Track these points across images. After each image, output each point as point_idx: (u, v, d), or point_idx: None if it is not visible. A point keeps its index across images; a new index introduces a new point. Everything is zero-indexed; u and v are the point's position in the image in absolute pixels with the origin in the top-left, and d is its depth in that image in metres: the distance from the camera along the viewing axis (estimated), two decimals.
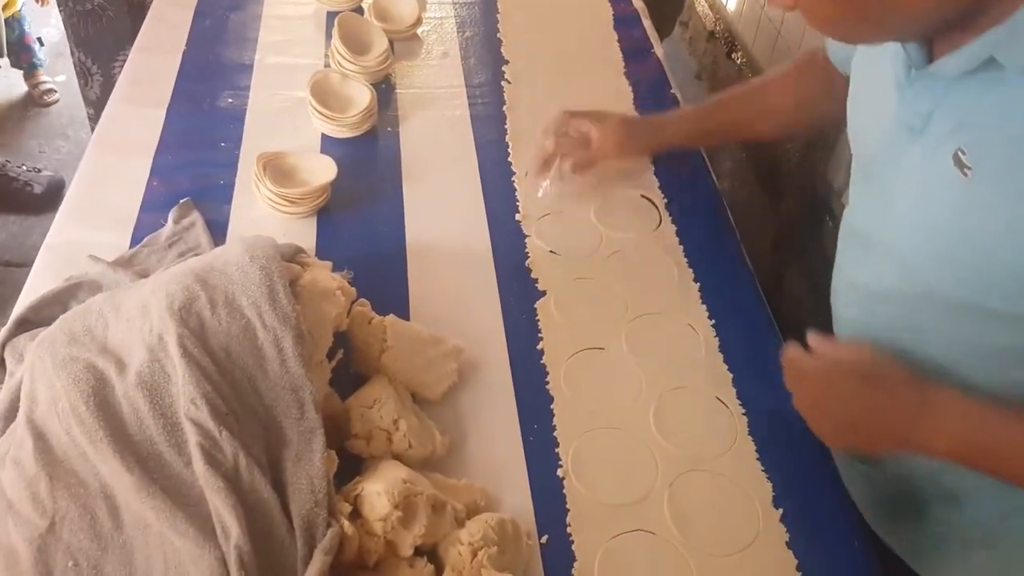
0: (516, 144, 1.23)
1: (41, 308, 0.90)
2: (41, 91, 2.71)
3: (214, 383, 0.73)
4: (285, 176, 1.09)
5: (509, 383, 0.91)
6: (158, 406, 0.72)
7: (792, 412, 0.88)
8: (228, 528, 0.67)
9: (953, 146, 0.62)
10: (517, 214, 1.12)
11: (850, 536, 0.80)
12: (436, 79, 1.36)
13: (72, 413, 0.72)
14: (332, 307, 0.84)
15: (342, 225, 1.09)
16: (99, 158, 1.15)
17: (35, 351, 0.77)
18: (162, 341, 0.75)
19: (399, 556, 0.73)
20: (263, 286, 0.78)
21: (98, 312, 0.80)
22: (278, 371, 0.76)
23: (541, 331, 0.96)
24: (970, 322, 0.68)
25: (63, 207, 1.08)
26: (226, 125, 1.22)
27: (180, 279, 0.79)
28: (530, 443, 0.85)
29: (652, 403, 0.89)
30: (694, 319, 0.98)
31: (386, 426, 0.80)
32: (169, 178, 1.12)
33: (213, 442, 0.71)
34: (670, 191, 1.16)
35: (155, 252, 1.00)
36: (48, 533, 0.68)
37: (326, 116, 1.19)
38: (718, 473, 0.83)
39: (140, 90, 1.27)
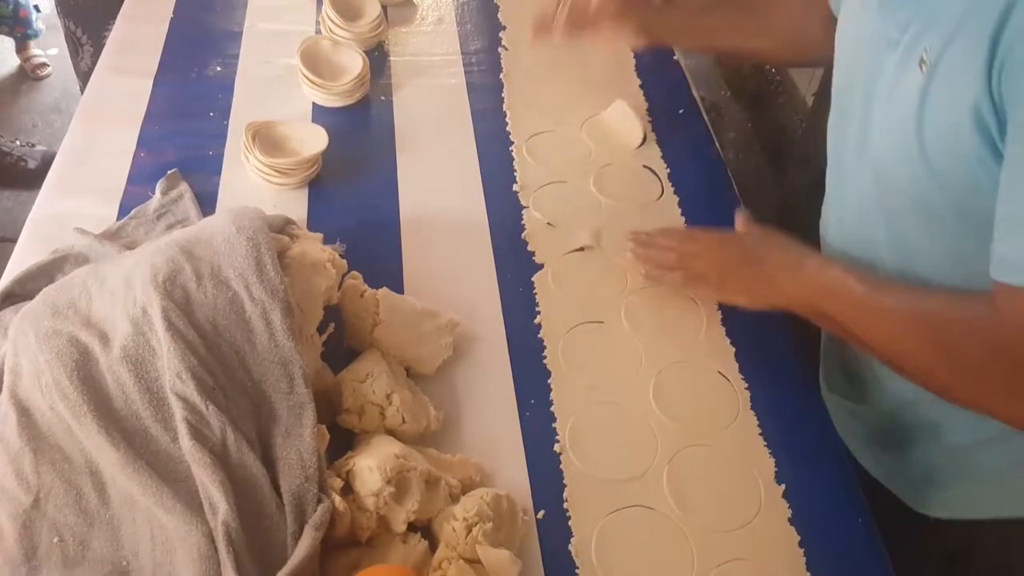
0: (514, 113, 1.20)
1: (26, 281, 0.87)
2: (33, 64, 2.67)
3: (200, 357, 0.71)
4: (275, 146, 1.07)
5: (505, 357, 0.89)
6: (143, 380, 0.70)
7: (796, 385, 0.88)
8: (216, 504, 0.65)
9: (920, 49, 0.66)
10: (515, 184, 1.09)
11: (854, 513, 0.78)
12: (431, 46, 1.33)
13: (56, 387, 0.70)
14: (322, 280, 0.82)
15: (334, 196, 1.06)
16: (85, 129, 1.12)
17: (18, 325, 0.75)
18: (146, 314, 0.73)
19: (392, 532, 0.71)
20: (250, 258, 0.76)
21: (81, 285, 0.78)
22: (267, 345, 0.74)
23: (538, 304, 0.94)
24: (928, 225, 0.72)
25: (48, 179, 1.05)
26: (214, 94, 1.19)
27: (164, 251, 0.77)
28: (527, 418, 0.84)
29: (652, 377, 0.87)
30: None
31: (379, 400, 0.78)
32: (156, 149, 1.10)
33: (200, 417, 0.69)
34: (672, 161, 1.13)
35: (143, 224, 0.98)
36: (33, 509, 0.67)
37: (317, 84, 1.17)
38: (719, 448, 0.81)
39: (126, 59, 1.24)
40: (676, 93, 1.26)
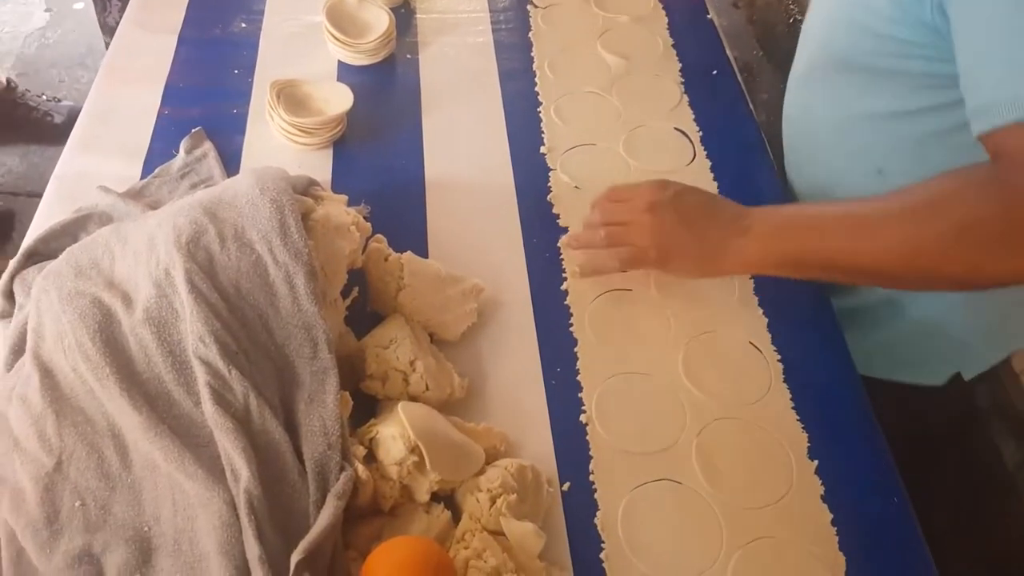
0: (542, 73, 1.17)
1: (50, 240, 0.87)
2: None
3: (223, 320, 0.70)
4: (300, 105, 1.05)
5: (531, 324, 0.87)
6: (166, 343, 0.70)
7: (831, 358, 0.85)
8: (238, 470, 0.64)
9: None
10: (542, 147, 1.06)
11: (888, 492, 0.76)
12: (458, 3, 1.29)
13: (78, 349, 0.69)
14: (346, 243, 0.80)
15: (358, 157, 1.04)
16: (109, 87, 1.11)
17: (41, 284, 0.75)
18: (169, 276, 0.72)
19: (415, 502, 0.70)
20: (274, 220, 0.74)
21: (104, 245, 0.77)
22: (290, 309, 0.73)
23: (565, 270, 0.92)
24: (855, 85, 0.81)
25: (73, 137, 1.04)
26: (239, 51, 1.17)
27: (188, 212, 0.75)
28: (552, 387, 0.82)
29: (681, 348, 0.85)
30: None
31: (402, 367, 0.77)
32: (181, 107, 1.08)
33: (223, 381, 0.68)
34: (705, 124, 1.10)
35: (166, 183, 0.96)
36: (55, 472, 0.67)
37: (342, 42, 1.14)
38: (750, 422, 0.79)
39: (151, 16, 1.22)
40: (710, 53, 1.22)
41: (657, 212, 0.81)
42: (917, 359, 0.96)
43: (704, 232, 0.79)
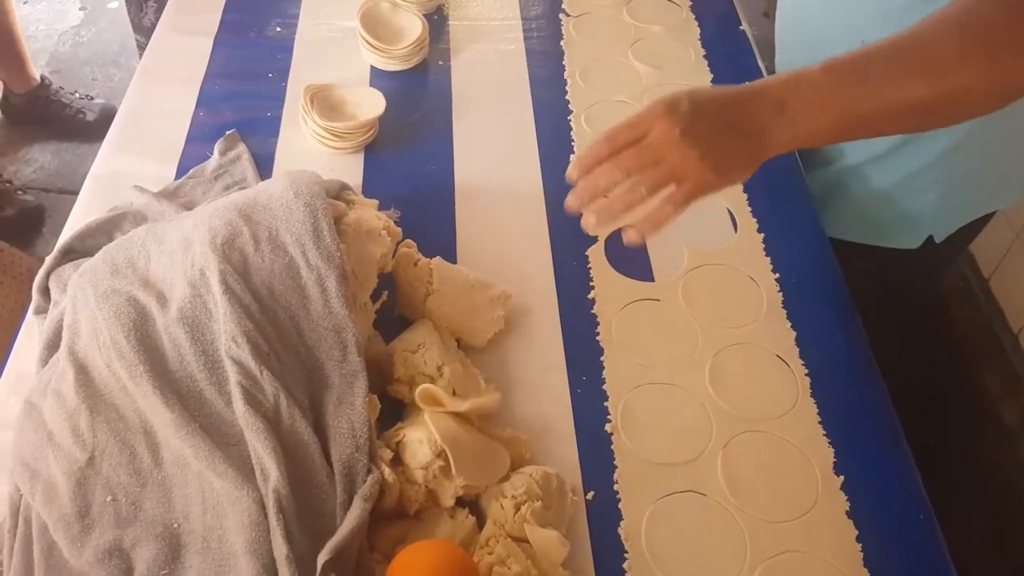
0: (573, 81, 1.17)
1: (86, 237, 0.88)
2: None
3: (256, 321, 0.71)
4: (333, 109, 1.06)
5: (558, 332, 0.88)
6: (199, 343, 0.71)
7: (858, 374, 0.85)
8: (267, 470, 0.65)
9: None
10: (572, 155, 1.07)
11: (914, 510, 0.75)
12: (490, 10, 1.30)
13: (113, 346, 0.70)
14: (377, 247, 0.81)
15: (389, 162, 1.05)
16: (145, 88, 1.12)
17: (77, 282, 0.76)
18: (204, 276, 0.73)
19: (440, 506, 0.71)
20: (307, 223, 0.75)
21: (141, 244, 0.78)
22: (321, 311, 0.73)
23: (592, 279, 0.92)
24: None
25: (109, 136, 1.06)
26: (274, 55, 1.18)
27: (223, 213, 0.76)
28: (578, 395, 0.82)
29: (708, 359, 0.85)
30: (756, 271, 0.93)
31: (430, 372, 0.78)
32: (215, 109, 1.09)
33: (254, 382, 0.69)
34: None
35: (200, 184, 0.98)
36: (87, 467, 0.68)
37: (376, 47, 1.15)
38: (776, 436, 0.79)
39: (187, 18, 1.23)
40: (741, 64, 1.22)
41: (690, 133, 0.69)
42: (890, 224, 1.00)
43: (742, 126, 0.70)
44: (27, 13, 2.74)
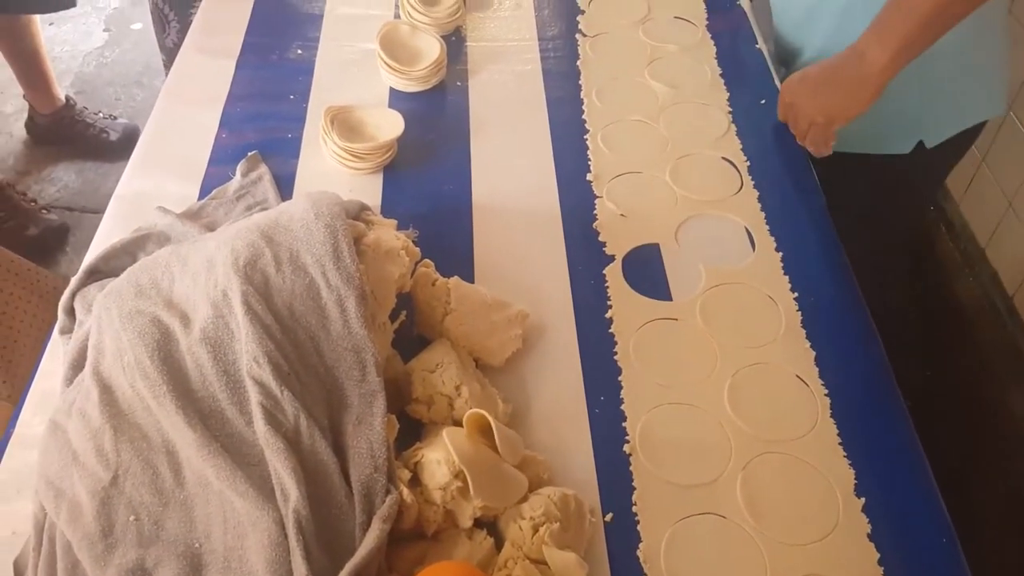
0: (590, 101, 1.18)
1: (110, 258, 0.90)
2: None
3: (277, 342, 0.72)
4: (352, 130, 1.07)
5: (575, 352, 0.88)
6: (221, 363, 0.71)
7: (878, 394, 0.84)
8: (287, 491, 0.66)
9: None
10: (588, 174, 1.07)
11: (937, 533, 0.74)
12: (507, 32, 1.31)
13: (137, 367, 0.71)
14: (396, 267, 0.81)
15: (408, 182, 1.06)
16: (169, 108, 1.15)
17: (102, 302, 0.77)
18: (226, 297, 0.73)
19: (458, 527, 0.71)
20: (328, 244, 0.76)
21: (165, 265, 0.79)
22: (341, 331, 0.74)
23: (610, 298, 0.93)
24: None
25: (134, 157, 1.08)
26: (295, 77, 1.20)
27: (245, 235, 0.77)
28: (596, 415, 0.82)
29: (727, 379, 0.85)
30: (774, 291, 0.93)
31: (448, 391, 0.78)
32: (238, 130, 1.11)
33: (275, 402, 0.69)
34: (752, 153, 1.10)
35: (223, 205, 0.99)
36: (111, 486, 0.68)
37: (394, 69, 1.16)
38: (796, 457, 0.79)
39: (210, 40, 1.26)
40: (758, 83, 1.22)
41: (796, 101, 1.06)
42: (883, 131, 1.13)
43: (836, 78, 1.01)
44: (52, 35, 2.79)
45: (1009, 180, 1.66)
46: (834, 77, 1.02)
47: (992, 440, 1.70)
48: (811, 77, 1.05)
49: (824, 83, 1.03)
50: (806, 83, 1.06)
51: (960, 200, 1.84)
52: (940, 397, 1.70)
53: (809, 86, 1.05)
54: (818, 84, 1.04)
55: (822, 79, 1.03)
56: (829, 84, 1.02)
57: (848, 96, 1.01)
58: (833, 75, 1.02)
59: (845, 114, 1.03)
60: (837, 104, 1.02)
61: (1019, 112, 1.59)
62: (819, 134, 1.06)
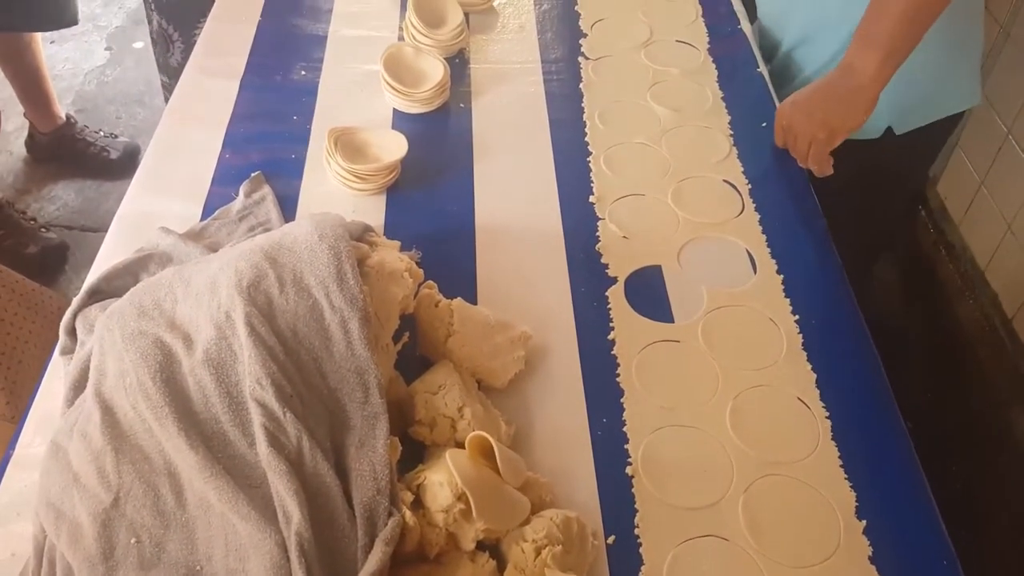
0: (592, 123, 1.19)
1: (112, 279, 0.90)
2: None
3: (280, 363, 0.72)
4: (356, 151, 1.08)
5: (578, 373, 0.88)
6: (224, 384, 0.71)
7: (879, 416, 0.85)
8: (290, 513, 0.65)
9: None
10: (591, 196, 1.08)
11: (938, 557, 0.74)
12: (511, 54, 1.32)
13: (139, 388, 0.71)
14: (399, 289, 0.82)
15: (411, 203, 1.07)
16: (173, 128, 1.15)
17: (104, 323, 0.77)
18: (229, 319, 0.74)
19: (461, 550, 0.70)
20: (331, 266, 0.76)
21: (168, 286, 0.79)
22: (344, 353, 0.74)
23: (612, 320, 0.93)
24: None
25: (136, 177, 1.08)
26: (299, 98, 1.21)
27: (249, 256, 0.78)
28: (598, 437, 0.82)
29: (728, 402, 0.85)
30: (776, 313, 0.93)
31: (450, 413, 0.78)
32: (241, 151, 1.12)
33: (277, 424, 0.69)
34: (754, 176, 1.11)
35: (225, 225, 0.99)
36: (112, 508, 0.68)
37: (398, 91, 1.17)
38: (798, 479, 0.79)
39: (214, 61, 1.26)
40: (759, 106, 1.23)
41: (793, 123, 1.09)
42: None
43: (830, 94, 1.05)
44: (53, 53, 2.81)
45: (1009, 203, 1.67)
46: (828, 94, 1.05)
47: (994, 462, 1.70)
48: (804, 98, 1.08)
49: (819, 102, 1.06)
50: (799, 105, 1.08)
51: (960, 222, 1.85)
52: (941, 419, 1.70)
53: (803, 107, 1.08)
54: (813, 104, 1.07)
55: (816, 99, 1.07)
56: (825, 101, 1.05)
57: (846, 108, 1.04)
58: (827, 93, 1.05)
59: (846, 125, 1.05)
60: (837, 117, 1.04)
61: (1018, 136, 1.60)
62: (821, 151, 1.08)
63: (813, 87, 1.08)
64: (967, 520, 1.37)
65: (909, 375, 0.99)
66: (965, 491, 1.59)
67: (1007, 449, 1.69)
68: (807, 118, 1.07)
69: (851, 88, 1.02)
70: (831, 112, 1.05)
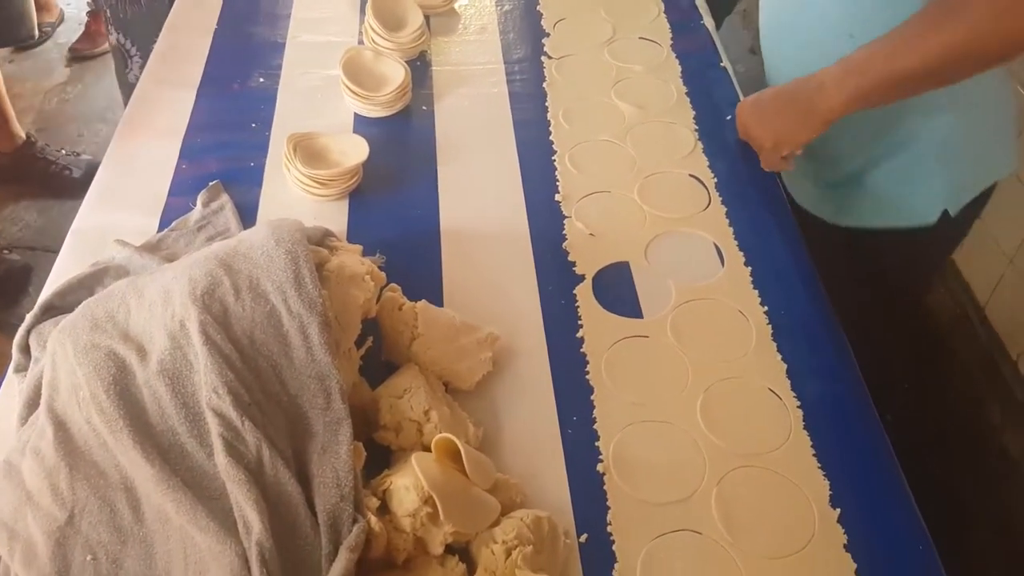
0: (557, 122, 1.18)
1: (67, 294, 0.87)
2: None
3: (237, 371, 0.70)
4: (316, 157, 1.06)
5: (547, 373, 0.87)
6: (180, 395, 0.69)
7: (851, 405, 0.84)
8: (250, 523, 0.64)
9: None
10: (557, 194, 1.07)
11: (914, 541, 0.74)
12: (473, 55, 1.31)
13: (93, 402, 0.69)
14: (360, 292, 0.80)
15: (374, 207, 1.05)
16: (128, 141, 1.13)
17: (56, 338, 0.75)
18: (184, 328, 0.72)
19: (429, 554, 0.69)
20: (289, 270, 0.75)
21: (120, 297, 0.77)
22: (304, 359, 0.72)
23: (581, 318, 0.92)
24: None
25: (91, 191, 1.06)
26: (257, 105, 1.19)
27: (203, 264, 0.76)
28: (568, 436, 0.81)
29: (699, 395, 0.84)
30: (745, 305, 0.93)
31: (416, 417, 0.76)
32: (199, 161, 1.09)
33: (235, 433, 0.67)
34: (719, 169, 1.10)
35: (183, 236, 0.97)
36: (67, 526, 0.66)
37: (358, 95, 1.16)
38: (770, 470, 0.78)
39: (170, 71, 1.24)
40: (724, 98, 1.23)
41: (747, 124, 1.08)
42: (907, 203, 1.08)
43: (788, 105, 1.00)
44: (12, 71, 2.76)
45: None
46: (787, 104, 1.01)
47: (968, 450, 1.71)
48: (764, 101, 1.06)
49: (776, 110, 1.03)
50: (758, 106, 1.06)
51: None
52: (918, 408, 1.70)
53: (760, 111, 1.06)
54: (768, 110, 1.04)
55: (774, 106, 1.03)
56: (780, 113, 1.02)
57: (797, 123, 0.99)
58: (786, 102, 1.01)
59: (793, 140, 1.02)
60: (787, 130, 1.01)
61: None
62: (767, 158, 1.06)
63: (775, 92, 1.04)
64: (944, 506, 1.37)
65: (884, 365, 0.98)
66: (941, 476, 1.59)
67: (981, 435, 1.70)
68: (759, 123, 1.05)
69: (809, 106, 0.96)
70: (783, 123, 1.01)
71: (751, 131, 1.07)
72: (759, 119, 1.05)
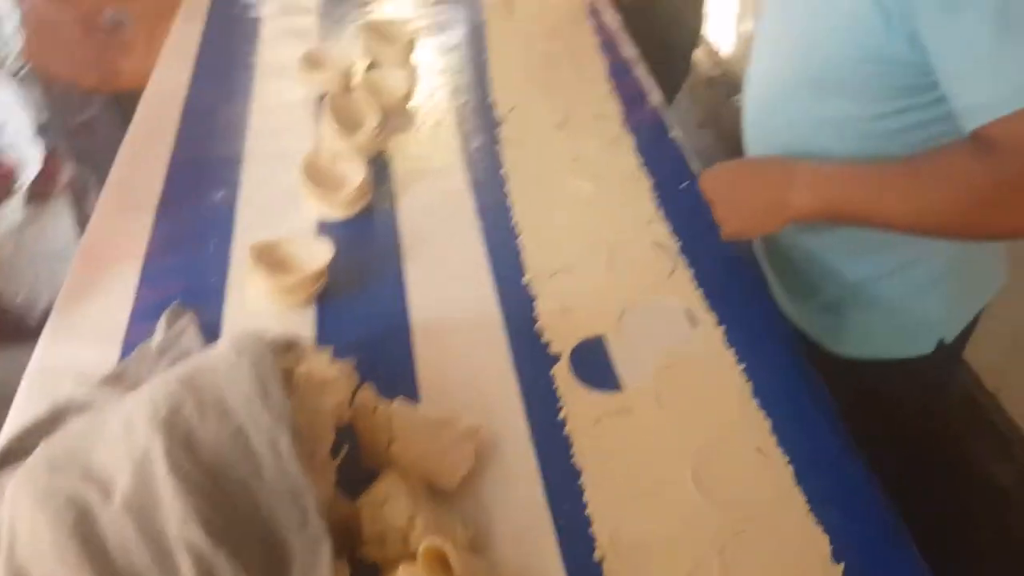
0: (518, 205, 1.18)
1: (24, 438, 0.83)
2: None
3: (206, 496, 0.67)
4: (280, 265, 1.04)
5: (532, 460, 0.84)
6: (147, 532, 0.65)
7: (840, 455, 0.82)
8: None
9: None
10: (524, 276, 1.06)
11: None
12: (431, 149, 1.32)
13: (53, 551, 0.65)
14: (331, 397, 0.78)
15: (343, 309, 1.03)
16: (85, 271, 1.09)
17: (13, 487, 0.71)
18: (148, 457, 0.68)
19: None
20: (254, 383, 0.72)
21: (80, 434, 0.74)
22: (275, 476, 0.69)
23: (560, 399, 0.89)
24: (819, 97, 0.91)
25: (47, 328, 1.02)
26: (217, 222, 1.17)
27: (164, 387, 0.73)
28: (561, 526, 0.77)
29: (688, 463, 0.81)
30: (721, 364, 0.92)
31: (401, 524, 0.73)
32: (159, 284, 1.07)
33: (208, 565, 0.64)
34: (682, 234, 1.10)
35: (145, 363, 0.94)
36: None
37: (319, 198, 1.15)
38: (769, 532, 0.75)
39: (127, 196, 1.23)
40: (676, 169, 1.24)
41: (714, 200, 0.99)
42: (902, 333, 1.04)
43: (756, 194, 0.94)
44: None
45: None
46: (753, 192, 0.95)
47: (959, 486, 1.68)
48: (736, 181, 0.98)
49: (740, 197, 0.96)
50: (730, 185, 0.98)
51: None
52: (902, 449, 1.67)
53: (731, 189, 0.98)
54: (739, 192, 0.97)
55: (740, 190, 0.97)
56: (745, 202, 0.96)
57: (762, 216, 0.94)
58: (753, 189, 0.95)
59: (753, 231, 0.99)
60: (750, 220, 0.96)
61: None
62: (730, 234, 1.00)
63: (743, 173, 0.98)
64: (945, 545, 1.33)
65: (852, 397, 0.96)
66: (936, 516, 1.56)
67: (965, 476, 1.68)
68: (728, 204, 0.97)
69: (776, 198, 0.91)
70: (751, 213, 0.95)
71: (717, 210, 0.98)
72: (729, 201, 0.97)
